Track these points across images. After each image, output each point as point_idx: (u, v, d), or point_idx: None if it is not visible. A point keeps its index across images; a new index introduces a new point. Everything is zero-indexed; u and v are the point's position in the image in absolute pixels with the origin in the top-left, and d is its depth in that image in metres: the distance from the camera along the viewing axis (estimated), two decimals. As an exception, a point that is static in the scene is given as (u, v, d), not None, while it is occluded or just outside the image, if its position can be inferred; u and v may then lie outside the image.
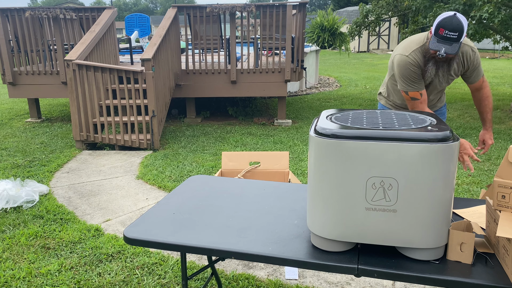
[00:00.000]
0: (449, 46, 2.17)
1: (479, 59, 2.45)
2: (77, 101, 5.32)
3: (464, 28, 2.14)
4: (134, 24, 8.52)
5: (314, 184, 1.43)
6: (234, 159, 3.20)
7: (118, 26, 28.81)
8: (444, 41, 2.18)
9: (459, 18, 2.15)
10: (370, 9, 9.13)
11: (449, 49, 2.17)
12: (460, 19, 2.15)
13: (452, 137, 1.31)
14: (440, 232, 1.36)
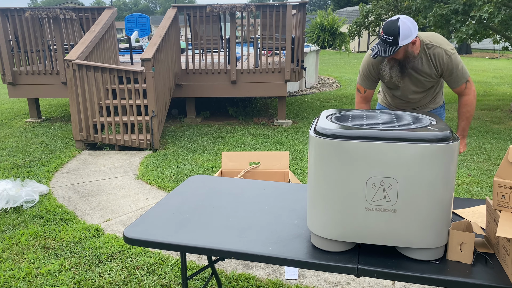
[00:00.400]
0: (383, 49, 2.20)
1: (456, 63, 2.35)
2: (77, 101, 5.32)
3: (398, 34, 2.15)
4: (134, 24, 8.52)
5: (314, 184, 1.43)
6: (234, 159, 3.19)
7: (118, 26, 28.81)
8: (381, 43, 2.24)
9: (399, 22, 2.17)
10: (370, 9, 9.13)
11: (382, 51, 2.20)
12: (398, 24, 2.16)
13: (452, 137, 1.31)
14: (440, 232, 1.36)
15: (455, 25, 6.99)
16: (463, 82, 2.40)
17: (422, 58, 2.37)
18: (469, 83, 2.43)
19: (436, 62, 2.37)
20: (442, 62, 2.36)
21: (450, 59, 2.35)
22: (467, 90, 2.42)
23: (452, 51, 2.37)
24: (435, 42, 2.37)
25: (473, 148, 5.31)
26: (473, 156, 4.99)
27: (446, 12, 6.81)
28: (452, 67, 2.35)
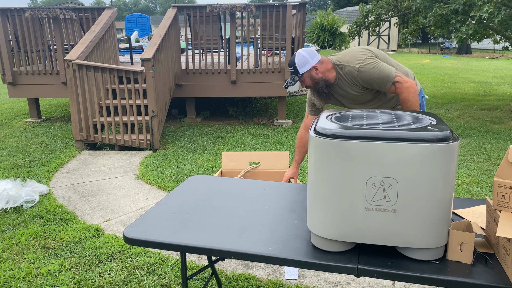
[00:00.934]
0: (290, 79, 2.42)
1: (368, 74, 2.34)
2: (77, 101, 5.32)
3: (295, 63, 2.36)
4: (134, 24, 8.52)
5: (314, 184, 1.43)
6: (234, 159, 3.18)
7: (118, 26, 28.81)
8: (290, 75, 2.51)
9: (295, 54, 2.39)
10: (370, 9, 9.13)
11: (289, 81, 2.41)
12: (294, 56, 2.38)
13: (452, 137, 1.31)
14: (440, 232, 1.36)
15: (455, 25, 6.99)
16: (390, 85, 2.36)
17: (341, 80, 2.43)
18: (398, 83, 2.36)
19: (351, 79, 2.41)
20: (355, 78, 2.39)
21: (361, 73, 2.35)
22: (398, 90, 2.37)
23: (359, 65, 2.36)
24: (343, 61, 2.40)
25: (473, 148, 5.31)
26: (473, 156, 4.99)
27: (446, 12, 6.81)
28: (367, 78, 2.35)
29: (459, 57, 21.60)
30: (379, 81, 2.34)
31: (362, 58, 2.37)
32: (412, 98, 2.36)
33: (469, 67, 16.32)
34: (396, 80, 2.34)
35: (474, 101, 8.75)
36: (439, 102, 8.71)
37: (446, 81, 12.01)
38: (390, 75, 2.34)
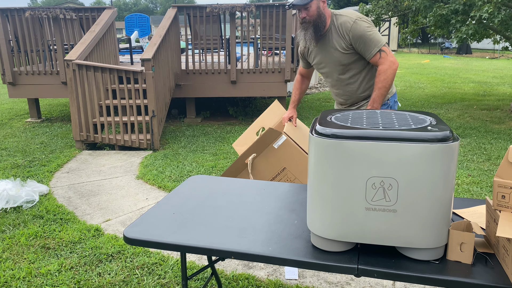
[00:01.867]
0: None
1: (362, 29, 2.33)
2: (77, 101, 5.32)
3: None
4: (134, 24, 8.52)
5: (314, 184, 1.43)
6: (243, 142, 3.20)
7: (118, 26, 28.80)
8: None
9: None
10: (370, 9, 9.13)
11: (296, 1, 2.31)
12: None
13: (452, 137, 1.31)
14: (440, 232, 1.36)
15: (455, 25, 6.99)
16: (376, 50, 2.35)
17: (332, 31, 2.40)
18: (384, 52, 2.35)
19: (343, 31, 2.37)
20: (347, 29, 2.35)
21: (356, 25, 2.34)
22: (382, 60, 2.35)
23: (358, 18, 2.35)
24: (343, 13, 2.40)
25: (473, 148, 5.31)
26: (473, 156, 4.99)
27: (446, 12, 6.81)
28: (359, 33, 2.33)
29: (459, 57, 21.60)
30: (368, 41, 2.33)
31: (362, 16, 2.39)
32: (390, 72, 2.36)
33: (469, 67, 16.32)
34: (384, 49, 2.35)
35: (474, 101, 8.75)
36: (439, 102, 8.71)
37: (446, 81, 12.01)
38: (380, 41, 2.35)
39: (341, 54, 2.43)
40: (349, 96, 2.64)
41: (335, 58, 2.47)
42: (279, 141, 2.69)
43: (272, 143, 2.69)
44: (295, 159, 2.71)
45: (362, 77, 2.54)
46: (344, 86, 2.60)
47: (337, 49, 2.43)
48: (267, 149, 2.72)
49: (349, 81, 2.56)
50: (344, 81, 2.56)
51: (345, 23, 2.36)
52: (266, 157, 2.72)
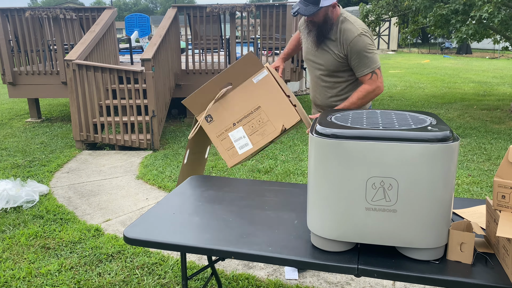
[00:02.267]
0: (304, 7, 2.20)
1: (363, 46, 2.23)
2: (77, 101, 5.32)
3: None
4: (134, 24, 8.52)
5: (314, 184, 1.43)
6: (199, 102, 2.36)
7: (118, 26, 28.81)
8: (303, 1, 2.22)
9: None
10: (370, 9, 9.13)
11: (303, 10, 2.20)
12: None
13: (452, 137, 1.31)
14: (440, 232, 1.36)
15: (455, 25, 6.99)
16: (369, 71, 2.25)
17: (332, 31, 2.31)
18: (376, 75, 2.26)
19: (342, 39, 2.26)
20: (347, 39, 2.24)
21: (358, 39, 2.22)
22: (370, 81, 2.27)
23: (363, 32, 2.25)
24: (351, 19, 2.29)
25: (473, 148, 5.31)
26: (473, 156, 4.99)
27: (446, 12, 6.81)
28: (358, 49, 2.23)
29: (459, 57, 21.60)
30: (364, 59, 2.25)
31: (367, 31, 2.29)
32: (371, 96, 2.32)
33: (469, 67, 16.32)
34: (376, 71, 2.29)
35: (474, 101, 8.76)
36: (439, 102, 8.71)
37: (446, 81, 12.02)
38: (376, 63, 2.28)
39: (332, 59, 2.36)
40: (320, 97, 2.56)
41: (325, 60, 2.39)
42: (260, 76, 2.32)
43: (252, 77, 2.31)
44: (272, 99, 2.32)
45: (342, 87, 2.45)
46: (321, 87, 2.52)
47: (329, 51, 2.35)
48: (245, 83, 2.31)
49: (328, 85, 2.48)
50: (324, 82, 2.49)
51: (348, 32, 2.25)
52: (241, 92, 2.30)
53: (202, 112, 2.32)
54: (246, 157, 2.29)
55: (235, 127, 2.32)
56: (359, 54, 2.25)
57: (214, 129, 2.33)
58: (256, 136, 2.34)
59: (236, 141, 2.32)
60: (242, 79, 2.33)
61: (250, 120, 2.32)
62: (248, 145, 2.32)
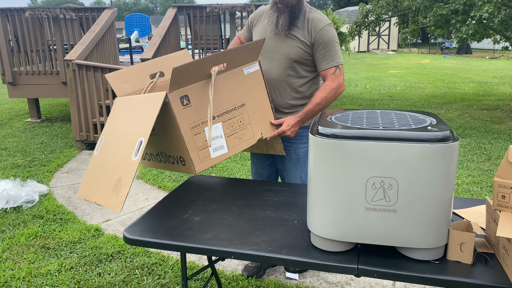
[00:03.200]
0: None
1: (331, 37, 2.12)
2: (77, 101, 5.32)
3: None
4: (134, 24, 8.52)
5: (314, 184, 1.43)
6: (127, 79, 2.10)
7: (118, 26, 28.82)
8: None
9: None
10: (370, 9, 9.13)
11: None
12: None
13: (452, 137, 1.31)
14: (440, 232, 1.36)
15: (455, 25, 6.99)
16: (334, 64, 2.13)
17: (300, 18, 2.17)
18: (339, 70, 2.14)
19: (310, 27, 2.14)
20: (316, 27, 2.12)
21: (328, 28, 2.12)
22: (333, 76, 2.13)
23: (331, 24, 2.16)
24: (317, 11, 2.20)
25: (473, 148, 5.31)
26: (473, 156, 4.99)
27: (446, 12, 6.82)
28: (327, 38, 2.12)
29: (459, 57, 21.61)
30: (331, 51, 2.14)
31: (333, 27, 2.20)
32: (333, 94, 2.16)
33: (469, 67, 16.32)
34: (340, 67, 2.17)
35: (474, 101, 8.76)
36: (439, 102, 8.71)
37: (446, 81, 12.02)
38: (341, 58, 2.17)
39: (297, 47, 2.18)
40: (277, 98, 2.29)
41: (288, 47, 2.19)
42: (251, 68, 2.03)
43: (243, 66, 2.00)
44: (257, 99, 2.06)
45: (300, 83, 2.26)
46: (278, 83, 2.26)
47: (295, 39, 2.17)
48: (235, 69, 1.97)
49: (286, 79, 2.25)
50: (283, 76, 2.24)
51: (317, 21, 2.14)
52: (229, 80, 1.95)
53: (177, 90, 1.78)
54: (214, 163, 1.92)
55: (214, 121, 1.89)
56: (327, 44, 2.13)
57: (188, 117, 1.80)
58: (234, 139, 1.97)
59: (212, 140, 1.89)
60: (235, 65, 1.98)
61: (231, 117, 1.96)
62: (224, 149, 1.93)
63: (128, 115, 1.87)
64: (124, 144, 1.77)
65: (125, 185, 1.65)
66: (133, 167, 1.65)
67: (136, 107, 1.84)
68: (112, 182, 1.71)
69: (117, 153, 1.78)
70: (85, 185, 1.88)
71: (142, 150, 1.65)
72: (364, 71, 15.35)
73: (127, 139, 1.77)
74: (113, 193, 1.68)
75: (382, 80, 12.54)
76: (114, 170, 1.74)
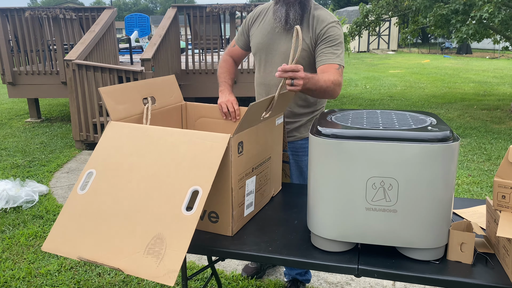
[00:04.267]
0: None
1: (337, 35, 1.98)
2: (77, 101, 5.31)
3: None
4: (134, 24, 8.52)
5: (314, 184, 1.42)
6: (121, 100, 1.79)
7: (118, 26, 28.79)
8: None
9: None
10: (370, 9, 9.13)
11: None
12: None
13: (452, 137, 1.31)
14: (440, 232, 1.35)
15: (455, 25, 6.99)
16: (338, 62, 1.96)
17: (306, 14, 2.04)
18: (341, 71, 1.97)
19: (316, 23, 2.00)
20: (323, 23, 1.98)
21: (336, 26, 1.99)
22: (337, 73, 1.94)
23: (339, 22, 2.02)
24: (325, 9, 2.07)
25: (473, 148, 5.31)
26: (473, 156, 4.99)
27: (446, 12, 6.82)
28: (335, 36, 1.97)
29: (459, 57, 21.61)
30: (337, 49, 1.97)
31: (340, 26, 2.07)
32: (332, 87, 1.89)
33: (469, 67, 16.32)
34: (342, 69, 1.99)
35: (474, 101, 8.76)
36: (439, 102, 8.71)
37: (446, 81, 12.02)
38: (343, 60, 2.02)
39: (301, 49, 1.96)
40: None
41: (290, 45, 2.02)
42: (280, 119, 1.89)
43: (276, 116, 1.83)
44: (278, 154, 1.92)
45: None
46: None
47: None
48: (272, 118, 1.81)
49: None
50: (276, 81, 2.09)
51: (322, 17, 2.01)
52: (266, 129, 1.76)
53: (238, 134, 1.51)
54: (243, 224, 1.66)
55: (252, 174, 1.66)
56: (334, 40, 1.97)
57: (239, 167, 1.54)
58: (259, 195, 1.76)
59: (247, 196, 1.64)
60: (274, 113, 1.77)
61: (262, 170, 1.75)
62: (252, 206, 1.70)
63: (156, 152, 1.49)
64: (156, 190, 1.40)
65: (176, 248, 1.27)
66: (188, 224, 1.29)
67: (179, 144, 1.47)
68: (144, 240, 1.31)
69: (143, 199, 1.39)
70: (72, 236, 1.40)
71: (201, 204, 1.32)
72: (364, 71, 15.35)
73: (165, 183, 1.40)
74: (149, 256, 1.27)
75: (382, 80, 12.54)
76: (144, 222, 1.35)
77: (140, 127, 1.60)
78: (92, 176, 1.50)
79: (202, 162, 1.41)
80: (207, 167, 1.39)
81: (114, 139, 1.59)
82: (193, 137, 1.48)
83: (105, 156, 1.55)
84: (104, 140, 1.59)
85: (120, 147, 1.55)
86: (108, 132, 1.62)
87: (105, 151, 1.56)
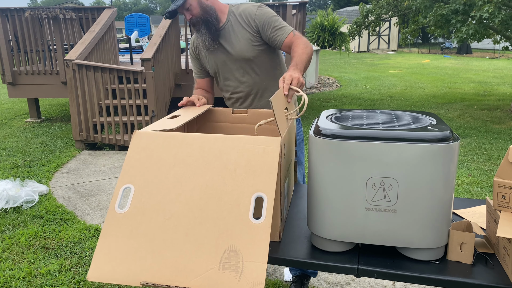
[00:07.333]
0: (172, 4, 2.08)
1: (268, 13, 2.12)
2: (77, 101, 5.31)
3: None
4: (134, 24, 8.52)
5: (314, 184, 1.42)
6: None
7: (118, 26, 28.79)
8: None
9: None
10: (370, 9, 9.13)
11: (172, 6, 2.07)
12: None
13: (452, 137, 1.31)
14: (440, 232, 1.35)
15: (455, 25, 6.99)
16: (289, 31, 2.08)
17: (231, 22, 2.15)
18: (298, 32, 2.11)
19: (246, 19, 2.14)
20: (251, 15, 2.13)
21: (261, 10, 2.13)
22: (296, 37, 2.07)
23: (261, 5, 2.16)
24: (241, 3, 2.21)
25: (473, 148, 5.31)
26: (473, 156, 4.99)
27: (447, 12, 6.82)
28: (266, 17, 2.11)
29: (459, 57, 21.61)
30: (277, 25, 2.10)
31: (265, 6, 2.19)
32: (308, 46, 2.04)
33: (469, 67, 16.32)
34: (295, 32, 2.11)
35: (474, 101, 8.76)
36: (439, 102, 8.71)
37: (446, 81, 12.02)
38: (289, 25, 2.12)
39: (246, 46, 2.15)
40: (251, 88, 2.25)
41: (239, 53, 2.16)
42: None
43: None
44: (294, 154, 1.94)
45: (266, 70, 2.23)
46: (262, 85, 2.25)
47: (241, 40, 2.15)
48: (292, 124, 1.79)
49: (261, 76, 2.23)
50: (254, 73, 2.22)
51: (248, 10, 2.14)
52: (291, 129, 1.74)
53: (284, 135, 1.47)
54: None
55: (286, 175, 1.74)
56: (269, 22, 2.10)
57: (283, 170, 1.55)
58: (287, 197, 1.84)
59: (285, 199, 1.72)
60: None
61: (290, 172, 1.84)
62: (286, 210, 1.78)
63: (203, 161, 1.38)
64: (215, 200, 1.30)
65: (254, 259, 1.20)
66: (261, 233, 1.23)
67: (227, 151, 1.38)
68: (216, 254, 1.23)
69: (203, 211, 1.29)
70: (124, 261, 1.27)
71: (269, 211, 1.25)
72: (364, 71, 15.35)
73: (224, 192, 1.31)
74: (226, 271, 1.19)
75: (382, 80, 12.54)
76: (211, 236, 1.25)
77: (175, 135, 1.46)
78: (130, 192, 1.36)
79: (258, 167, 1.34)
80: (266, 172, 1.32)
81: (147, 150, 1.46)
82: (241, 142, 1.39)
83: (142, 169, 1.40)
84: (135, 152, 1.46)
85: (157, 158, 1.41)
86: (136, 142, 1.50)
87: (140, 163, 1.42)
